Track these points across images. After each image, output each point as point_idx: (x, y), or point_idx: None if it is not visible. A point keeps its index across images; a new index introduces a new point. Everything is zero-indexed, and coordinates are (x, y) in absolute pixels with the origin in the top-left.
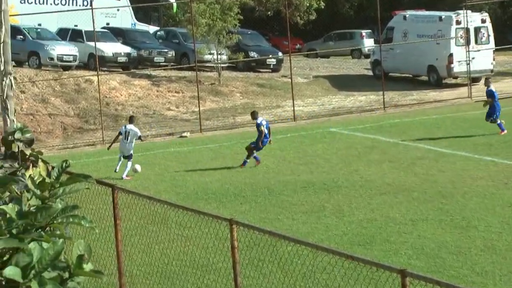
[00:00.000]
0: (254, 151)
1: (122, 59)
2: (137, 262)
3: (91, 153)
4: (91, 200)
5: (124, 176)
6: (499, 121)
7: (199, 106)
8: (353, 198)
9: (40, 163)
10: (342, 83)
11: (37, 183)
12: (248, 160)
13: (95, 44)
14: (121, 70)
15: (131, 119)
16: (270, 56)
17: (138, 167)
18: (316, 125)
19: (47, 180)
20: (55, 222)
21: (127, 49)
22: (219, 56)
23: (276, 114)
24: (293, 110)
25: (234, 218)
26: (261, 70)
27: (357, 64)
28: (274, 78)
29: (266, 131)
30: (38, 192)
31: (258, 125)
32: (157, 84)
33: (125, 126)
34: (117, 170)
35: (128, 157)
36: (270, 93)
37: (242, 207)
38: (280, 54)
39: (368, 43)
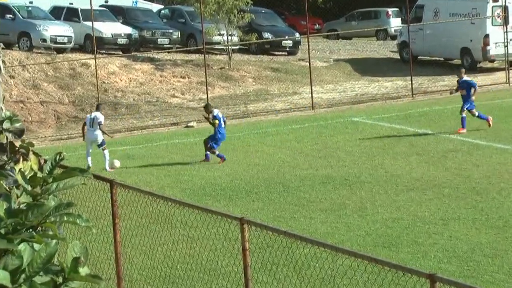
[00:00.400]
0: (215, 147)
1: (122, 40)
2: (138, 265)
3: None
4: (87, 196)
5: (108, 168)
6: (464, 115)
7: (207, 93)
8: (377, 195)
9: (31, 156)
10: (366, 67)
11: (27, 178)
12: (208, 153)
13: (92, 24)
14: (121, 53)
15: (98, 107)
16: (286, 37)
17: (117, 162)
18: (336, 114)
19: (39, 174)
20: (47, 221)
21: (127, 29)
22: (229, 38)
23: (292, 101)
24: (311, 97)
25: (245, 217)
26: (276, 53)
27: (382, 46)
28: (290, 61)
29: (223, 123)
30: (29, 188)
31: (214, 118)
32: (161, 68)
33: (91, 114)
34: (90, 165)
35: (100, 145)
36: (286, 79)
37: (254, 205)
38: (297, 35)
39: (395, 23)
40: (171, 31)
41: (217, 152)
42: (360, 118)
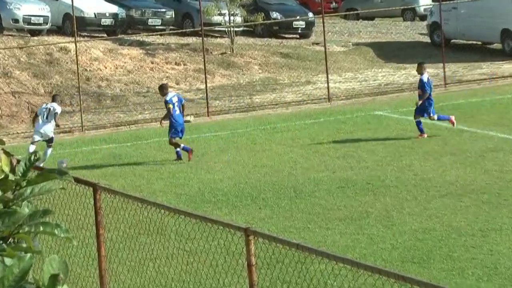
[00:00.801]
0: (174, 136)
1: (107, 21)
2: (126, 283)
3: (67, 143)
4: (67, 203)
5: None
6: (421, 120)
7: (206, 82)
8: (405, 202)
9: (2, 156)
10: (391, 52)
11: None
12: (179, 150)
13: (72, 2)
14: (105, 35)
15: (54, 98)
16: (298, 17)
17: (64, 162)
18: (357, 106)
19: (11, 177)
20: (21, 231)
21: (113, 8)
22: (231, 18)
23: (305, 92)
24: (327, 87)
25: (251, 227)
26: (286, 35)
27: (409, 28)
28: (302, 46)
29: (178, 109)
30: None
31: (166, 102)
32: (152, 53)
33: (46, 104)
34: (31, 151)
35: (48, 142)
36: (298, 66)
37: (261, 213)
38: (310, 15)
39: (424, 1)
40: (163, 10)
41: (182, 145)
42: (384, 112)
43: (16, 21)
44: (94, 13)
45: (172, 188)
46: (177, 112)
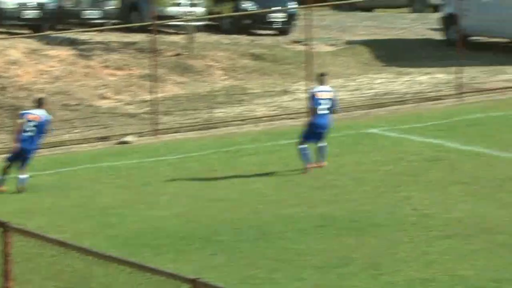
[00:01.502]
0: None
1: (30, 13)
2: None
3: None
4: None
5: None
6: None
7: (154, 92)
8: (400, 245)
9: None
10: (393, 53)
11: None
12: (25, 177)
13: None
14: (28, 32)
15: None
16: (276, 8)
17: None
18: (345, 122)
19: None
20: None
21: None
22: (191, 9)
23: (280, 104)
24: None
25: (200, 279)
26: (260, 32)
27: (417, 22)
28: (281, 45)
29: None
30: None
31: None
32: (87, 55)
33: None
34: None
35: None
36: (273, 70)
37: (215, 260)
38: (292, 4)
39: None
40: None
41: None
42: (380, 129)
43: None
44: (15, 4)
45: (103, 228)
46: (29, 134)
